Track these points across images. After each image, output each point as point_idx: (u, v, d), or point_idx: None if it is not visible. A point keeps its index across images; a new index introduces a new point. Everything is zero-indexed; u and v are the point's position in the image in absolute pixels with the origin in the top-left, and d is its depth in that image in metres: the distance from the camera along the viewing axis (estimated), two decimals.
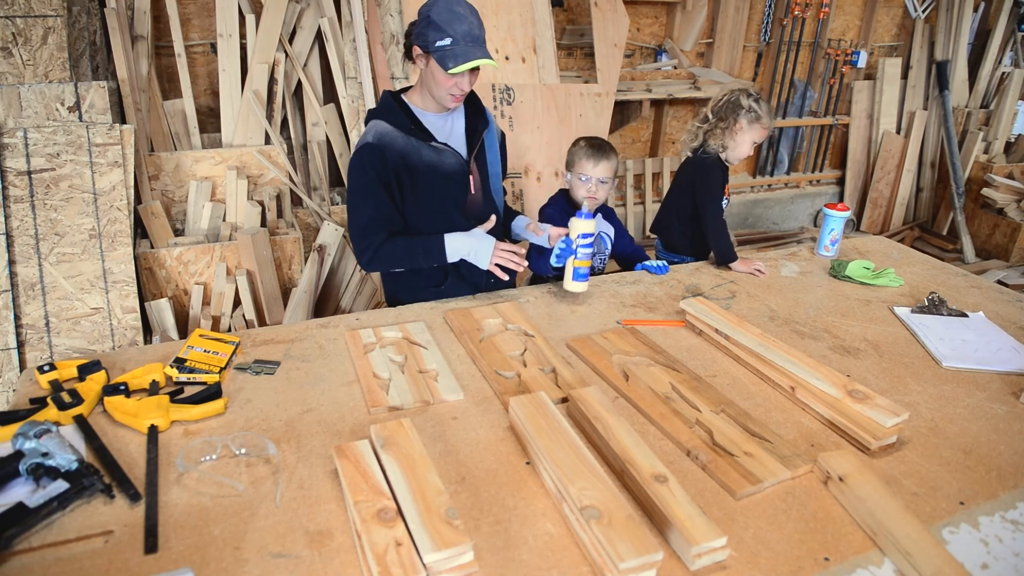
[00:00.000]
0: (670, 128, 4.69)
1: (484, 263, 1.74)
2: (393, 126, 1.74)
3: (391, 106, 1.78)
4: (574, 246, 1.77)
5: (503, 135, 2.02)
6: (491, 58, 1.64)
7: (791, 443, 1.29)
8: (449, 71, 1.62)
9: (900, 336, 1.75)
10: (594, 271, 2.29)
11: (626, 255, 2.27)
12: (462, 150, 1.85)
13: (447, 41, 1.60)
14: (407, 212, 1.81)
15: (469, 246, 1.75)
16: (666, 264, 2.11)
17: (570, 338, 1.66)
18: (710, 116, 2.23)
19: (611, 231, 2.21)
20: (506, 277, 1.79)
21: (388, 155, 1.73)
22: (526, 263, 1.77)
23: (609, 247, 2.22)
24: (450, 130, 1.84)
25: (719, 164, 2.23)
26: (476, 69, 1.68)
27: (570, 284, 1.82)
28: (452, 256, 1.76)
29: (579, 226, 1.76)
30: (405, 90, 1.86)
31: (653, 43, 4.43)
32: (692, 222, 2.28)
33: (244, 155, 3.17)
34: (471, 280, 1.93)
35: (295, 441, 1.26)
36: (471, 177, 1.84)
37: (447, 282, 1.91)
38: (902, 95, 5.02)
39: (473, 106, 1.89)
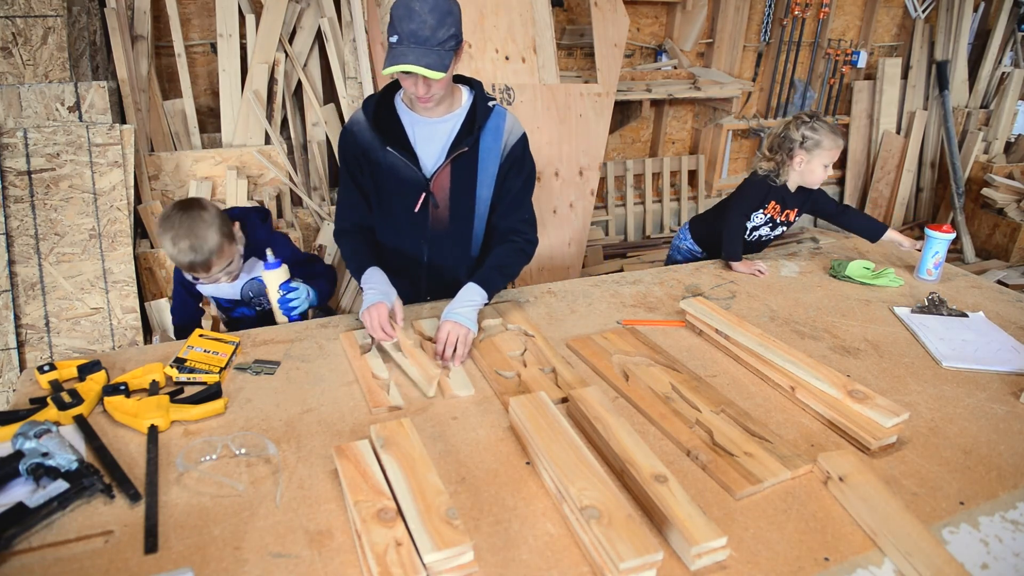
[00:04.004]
0: (670, 128, 4.69)
1: (361, 314, 1.60)
2: (365, 117, 1.69)
3: (375, 98, 1.71)
4: (279, 297, 1.73)
5: (520, 162, 1.76)
6: (426, 65, 1.46)
7: (791, 443, 1.29)
8: (383, 71, 1.52)
9: (900, 336, 1.75)
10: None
11: None
12: (432, 162, 1.70)
13: (394, 38, 1.49)
14: (373, 203, 1.79)
15: (369, 291, 1.61)
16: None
17: (570, 338, 1.66)
18: (766, 152, 2.18)
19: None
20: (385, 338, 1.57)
21: (352, 143, 1.72)
22: (390, 338, 1.55)
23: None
24: (429, 137, 1.70)
25: (765, 184, 2.18)
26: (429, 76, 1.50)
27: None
28: (362, 284, 1.66)
29: (274, 278, 1.73)
30: None
31: (653, 43, 4.43)
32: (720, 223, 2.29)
33: (244, 155, 3.17)
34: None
35: (295, 441, 1.26)
36: (424, 194, 1.71)
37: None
38: (902, 95, 5.02)
39: (469, 122, 1.69)
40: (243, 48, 3.20)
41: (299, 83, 3.35)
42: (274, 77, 3.21)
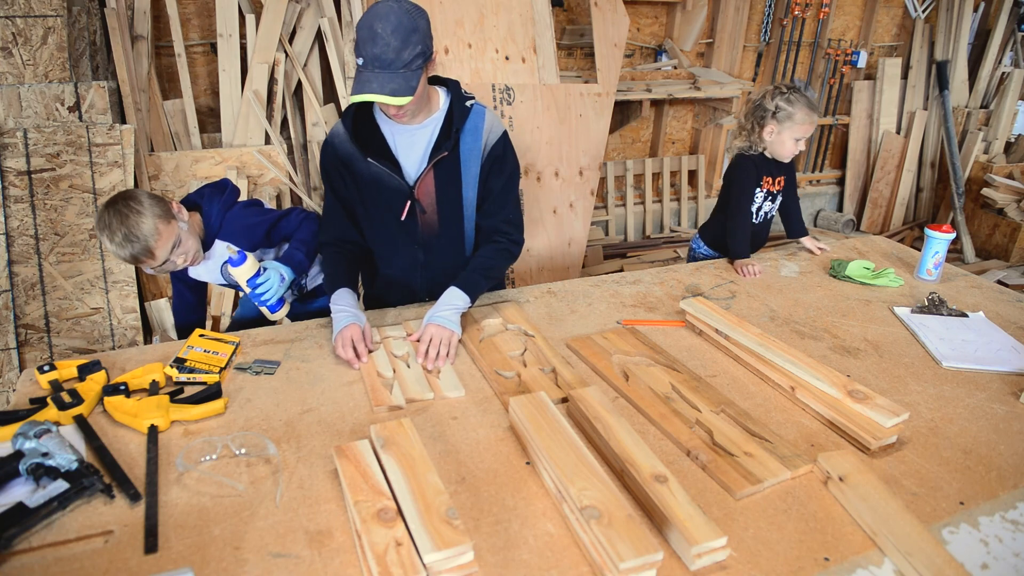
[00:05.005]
0: (670, 128, 4.69)
1: (335, 337, 1.57)
2: (345, 128, 1.67)
3: (354, 108, 1.68)
4: (251, 290, 1.66)
5: (501, 161, 1.74)
6: (391, 91, 1.46)
7: (791, 443, 1.29)
8: (349, 98, 1.49)
9: (900, 336, 1.75)
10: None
11: None
12: (414, 169, 1.69)
13: (360, 61, 1.47)
14: (358, 215, 1.77)
15: (339, 314, 1.59)
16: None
17: (570, 338, 1.66)
18: (742, 120, 2.18)
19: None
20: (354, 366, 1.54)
21: (333, 156, 1.70)
22: (358, 362, 1.53)
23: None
24: (410, 144, 1.68)
25: (752, 160, 2.18)
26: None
27: (271, 316, 1.74)
28: (331, 305, 1.65)
29: (242, 273, 1.64)
30: None
31: (653, 43, 4.43)
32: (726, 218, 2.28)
33: (244, 155, 3.17)
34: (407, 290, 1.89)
35: (295, 441, 1.26)
36: (409, 202, 1.70)
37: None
38: (902, 95, 5.02)
39: (448, 125, 1.67)
40: (243, 48, 3.20)
41: (299, 83, 3.35)
42: (274, 77, 3.21)
